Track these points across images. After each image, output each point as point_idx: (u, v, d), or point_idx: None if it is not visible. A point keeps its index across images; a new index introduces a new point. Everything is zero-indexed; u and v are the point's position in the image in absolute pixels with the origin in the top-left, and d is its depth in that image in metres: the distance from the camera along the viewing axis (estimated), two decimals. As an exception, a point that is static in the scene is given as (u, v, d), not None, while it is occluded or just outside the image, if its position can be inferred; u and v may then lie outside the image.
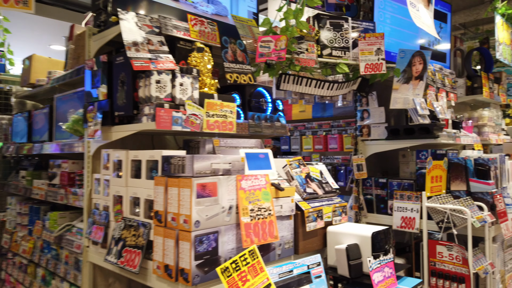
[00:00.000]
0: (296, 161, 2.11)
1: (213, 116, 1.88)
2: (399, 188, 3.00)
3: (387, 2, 3.02)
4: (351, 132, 3.37)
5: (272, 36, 2.33)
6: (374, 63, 2.72)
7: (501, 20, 4.43)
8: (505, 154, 4.39)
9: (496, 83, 4.71)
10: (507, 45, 4.65)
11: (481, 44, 5.20)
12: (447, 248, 2.45)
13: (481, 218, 2.44)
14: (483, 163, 2.70)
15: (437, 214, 2.54)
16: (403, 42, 3.24)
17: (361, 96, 3.15)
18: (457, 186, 2.75)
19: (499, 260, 2.77)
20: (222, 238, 1.56)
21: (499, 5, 4.31)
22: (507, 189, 2.98)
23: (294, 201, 1.89)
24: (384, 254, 1.87)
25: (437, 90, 3.24)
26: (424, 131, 2.84)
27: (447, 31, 3.68)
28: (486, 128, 4.30)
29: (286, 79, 2.66)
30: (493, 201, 2.64)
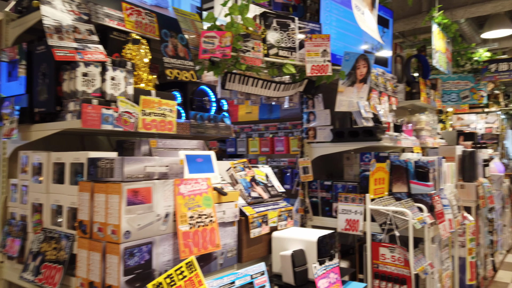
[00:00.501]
0: (241, 164, 2.00)
1: (150, 115, 1.72)
2: (344, 191, 3.00)
3: (333, 4, 3.03)
4: (297, 134, 3.34)
5: (217, 32, 2.21)
6: (320, 64, 2.69)
7: (437, 29, 4.67)
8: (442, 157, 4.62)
9: (433, 89, 4.94)
10: (442, 53, 4.91)
11: (419, 52, 5.46)
12: (390, 250, 2.47)
13: (421, 220, 2.49)
14: (422, 165, 2.77)
15: (380, 216, 2.56)
16: (348, 46, 3.27)
17: (307, 98, 3.12)
18: (399, 188, 2.80)
19: (437, 260, 2.86)
20: (157, 249, 1.41)
21: (436, 14, 4.54)
22: (444, 190, 3.09)
23: (238, 206, 1.78)
24: (330, 259, 1.82)
25: (380, 94, 3.30)
26: (368, 133, 2.87)
27: (389, 36, 3.79)
28: (424, 132, 4.49)
29: (232, 78, 2.55)
30: (432, 202, 2.71)
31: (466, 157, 4.35)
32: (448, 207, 2.99)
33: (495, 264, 4.97)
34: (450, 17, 5.55)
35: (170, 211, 1.46)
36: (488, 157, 5.31)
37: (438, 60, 4.70)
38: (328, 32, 3.02)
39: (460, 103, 6.63)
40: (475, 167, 4.40)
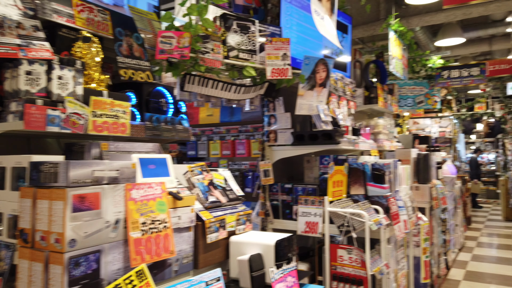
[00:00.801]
0: (199, 167, 1.96)
1: (102, 116, 1.65)
2: (304, 193, 3.02)
3: (293, 9, 3.05)
4: (258, 137, 3.33)
5: (175, 32, 2.16)
6: (281, 68, 2.70)
7: (394, 36, 4.84)
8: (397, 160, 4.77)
9: (390, 94, 5.11)
10: (399, 59, 5.09)
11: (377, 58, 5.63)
12: (347, 252, 2.51)
13: (377, 221, 2.55)
14: (379, 168, 2.84)
15: (338, 218, 2.60)
16: (308, 50, 3.31)
17: (268, 101, 3.13)
18: (356, 190, 2.85)
19: (393, 260, 2.94)
20: (106, 257, 1.34)
21: (393, 22, 4.70)
22: (400, 192, 3.19)
23: (194, 211, 1.74)
24: (287, 263, 1.81)
25: (339, 98, 3.36)
26: (327, 137, 2.91)
27: (348, 42, 3.87)
28: (381, 135, 4.62)
29: (191, 80, 2.50)
30: (388, 204, 2.79)
31: (421, 159, 4.52)
32: (403, 208, 3.09)
33: (448, 263, 5.20)
34: (406, 25, 5.78)
35: (120, 217, 1.39)
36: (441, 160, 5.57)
37: (395, 66, 4.87)
38: (289, 36, 3.04)
39: (415, 107, 6.90)
40: (429, 170, 4.58)
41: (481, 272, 5.07)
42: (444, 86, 6.09)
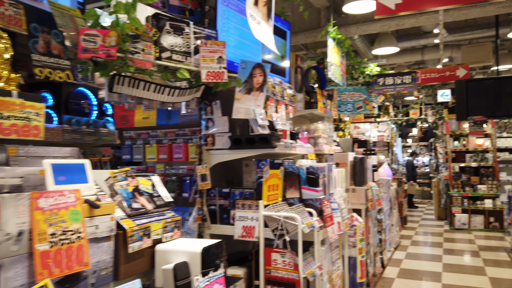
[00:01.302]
0: (123, 173, 1.87)
1: (10, 118, 1.51)
2: (241, 198, 3.01)
3: (230, 12, 3.04)
4: (196, 141, 3.27)
5: (99, 30, 2.05)
6: (216, 71, 2.67)
7: (332, 44, 5.00)
8: (335, 163, 4.91)
9: (329, 100, 5.26)
10: (337, 66, 5.26)
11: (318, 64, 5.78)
12: (281, 255, 2.52)
13: (310, 224, 2.59)
14: (313, 171, 2.89)
15: (272, 222, 2.61)
16: (247, 54, 3.31)
17: (205, 104, 3.08)
18: (292, 194, 2.89)
19: (327, 261, 3.00)
20: (7, 273, 1.22)
21: (331, 29, 4.85)
22: (334, 195, 3.28)
23: (114, 219, 1.65)
24: (215, 270, 1.77)
25: (277, 103, 3.40)
26: (264, 141, 2.92)
27: (287, 47, 3.93)
28: (320, 139, 4.74)
29: (121, 81, 2.39)
30: (321, 207, 2.85)
31: (357, 163, 4.70)
32: (337, 210, 3.17)
33: (384, 261, 5.44)
34: (345, 33, 6.00)
35: (25, 228, 1.28)
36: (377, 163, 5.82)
37: (333, 72, 5.03)
38: (226, 39, 3.02)
39: (355, 112, 7.19)
40: (365, 172, 4.77)
41: (414, 269, 5.36)
42: (380, 92, 6.41)
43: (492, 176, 8.14)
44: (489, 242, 7.02)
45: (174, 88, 2.64)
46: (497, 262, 5.60)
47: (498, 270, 5.22)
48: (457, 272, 5.19)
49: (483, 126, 7.82)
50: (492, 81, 6.06)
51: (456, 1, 3.34)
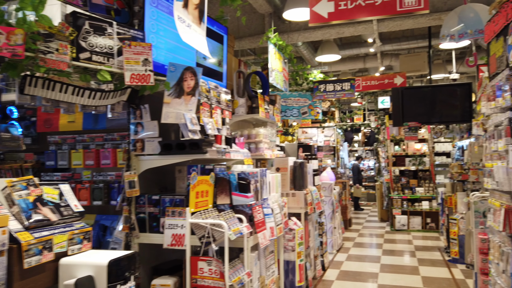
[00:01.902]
0: (23, 182, 1.73)
1: None
2: (171, 205, 2.92)
3: (161, 14, 2.95)
4: (125, 146, 3.13)
5: (3, 28, 1.90)
6: (141, 74, 2.58)
7: (274, 49, 5.04)
8: (276, 168, 4.93)
9: (272, 105, 5.29)
10: (279, 72, 5.31)
11: (262, 69, 5.81)
12: (207, 263, 2.47)
13: (237, 231, 2.56)
14: (244, 177, 2.87)
15: (199, 229, 2.54)
16: (181, 58, 3.24)
17: (133, 108, 2.96)
18: (222, 200, 2.84)
19: (257, 267, 2.98)
20: None
21: (272, 35, 4.89)
22: (268, 200, 3.27)
23: (7, 232, 1.51)
24: (123, 283, 1.68)
25: (212, 107, 3.35)
26: (194, 146, 2.85)
27: (224, 52, 3.90)
28: (262, 144, 4.74)
29: (33, 82, 2.24)
30: (252, 212, 2.83)
31: (297, 167, 4.75)
32: (270, 215, 3.17)
33: (325, 264, 5.54)
34: (288, 39, 6.09)
35: None
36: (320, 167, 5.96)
37: (275, 78, 5.08)
38: (156, 41, 2.93)
39: (300, 118, 7.30)
40: (305, 177, 4.84)
41: (353, 271, 5.50)
42: (321, 98, 6.57)
43: (429, 179, 8.60)
44: (426, 242, 7.38)
45: (95, 91, 2.52)
46: (430, 262, 5.89)
47: (430, 269, 5.49)
48: (393, 272, 5.39)
49: (417, 132, 8.25)
50: (426, 89, 6.40)
51: (384, 12, 3.47)
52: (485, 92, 3.14)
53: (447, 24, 3.82)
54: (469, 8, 3.78)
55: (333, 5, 3.57)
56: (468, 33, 3.67)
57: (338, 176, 9.69)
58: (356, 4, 3.52)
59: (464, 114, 5.98)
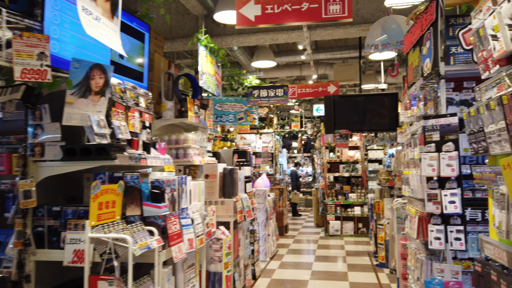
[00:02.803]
0: None
1: None
2: (74, 217, 2.62)
3: (65, 4, 2.66)
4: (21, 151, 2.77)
5: None
6: (36, 69, 2.27)
7: (205, 52, 4.86)
8: (205, 175, 4.74)
9: (203, 109, 5.10)
10: (211, 75, 5.14)
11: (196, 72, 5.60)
12: (109, 283, 2.21)
13: (145, 245, 2.33)
14: (158, 185, 2.65)
15: (101, 245, 2.28)
16: (92, 54, 2.95)
17: (29, 108, 2.63)
18: (132, 211, 2.60)
19: (171, 283, 2.77)
20: None
21: (202, 37, 4.72)
22: (188, 210, 3.07)
23: None
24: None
25: (128, 109, 3.09)
26: (102, 151, 2.58)
27: (145, 51, 3.65)
28: (191, 150, 4.53)
29: None
30: (166, 224, 2.61)
31: (227, 174, 4.60)
32: (189, 226, 2.97)
33: (256, 273, 5.42)
34: (223, 43, 5.95)
35: None
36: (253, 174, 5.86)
37: (206, 81, 4.90)
38: (60, 35, 2.63)
39: (236, 123, 7.18)
40: (235, 184, 4.70)
41: (284, 279, 5.44)
42: (255, 104, 6.51)
43: (361, 185, 8.87)
44: (357, 247, 7.57)
45: (-23, 87, 2.17)
46: (360, 267, 6.00)
47: (359, 274, 5.58)
48: (323, 279, 5.40)
49: (348, 139, 8.50)
50: (357, 98, 6.57)
51: (309, 18, 3.45)
52: (403, 101, 3.20)
53: (372, 34, 3.91)
54: (391, 20, 3.90)
55: (260, 8, 3.48)
56: (391, 43, 3.77)
57: (276, 182, 9.70)
58: (282, 8, 3.46)
59: (391, 123, 6.21)
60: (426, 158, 2.54)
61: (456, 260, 2.76)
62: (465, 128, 1.65)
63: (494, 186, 1.50)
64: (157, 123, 4.50)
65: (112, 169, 2.90)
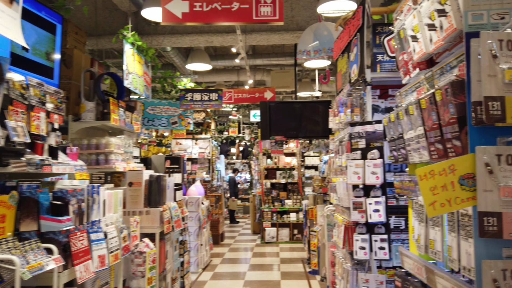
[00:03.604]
0: None
1: None
2: (-46, 234, 2.19)
3: None
4: None
5: None
6: None
7: (132, 50, 4.54)
8: (129, 182, 4.39)
9: (130, 111, 4.75)
10: (139, 76, 4.81)
11: (124, 72, 5.19)
12: (-12, 314, 1.84)
13: (38, 266, 2.00)
14: (61, 196, 2.32)
15: (-20, 268, 1.91)
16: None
17: None
18: (28, 226, 2.23)
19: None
20: None
21: (128, 34, 4.39)
22: (101, 222, 2.75)
23: None
24: None
25: (31, 109, 2.70)
26: (-9, 157, 2.20)
27: (56, 44, 3.28)
28: (113, 155, 4.17)
29: None
30: (69, 240, 2.28)
31: (153, 182, 4.29)
32: (101, 241, 2.65)
33: (185, 286, 5.13)
34: (155, 43, 5.64)
35: None
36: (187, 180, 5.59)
37: (133, 81, 4.57)
38: None
39: (169, 128, 6.86)
40: (163, 192, 4.40)
41: (216, 290, 5.21)
42: (188, 108, 6.26)
43: (297, 191, 8.92)
44: (292, 253, 7.55)
45: None
46: (293, 275, 5.95)
47: (291, 283, 5.52)
48: (255, 288, 5.26)
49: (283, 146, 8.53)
50: (293, 104, 6.57)
51: (240, 19, 3.31)
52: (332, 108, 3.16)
53: (304, 40, 3.88)
54: (323, 26, 3.91)
55: (188, 5, 3.27)
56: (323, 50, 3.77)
57: (213, 189, 9.46)
58: (212, 7, 3.28)
59: (324, 130, 6.27)
60: (352, 166, 2.49)
61: (381, 269, 2.74)
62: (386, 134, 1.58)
63: (413, 197, 1.43)
64: (75, 125, 4.10)
65: (14, 177, 2.51)
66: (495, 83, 1.02)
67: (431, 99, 1.19)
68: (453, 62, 1.18)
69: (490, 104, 1.02)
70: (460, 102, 1.15)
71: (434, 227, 1.25)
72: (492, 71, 1.02)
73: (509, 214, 1.05)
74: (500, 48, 1.03)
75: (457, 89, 1.14)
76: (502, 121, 1.05)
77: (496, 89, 1.02)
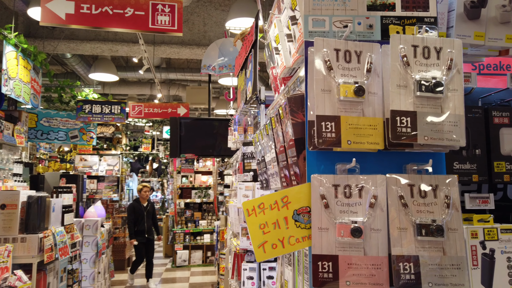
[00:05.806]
0: None
1: None
2: None
3: None
4: None
5: None
6: None
7: (15, 53, 3.99)
8: (1, 204, 3.78)
9: (11, 122, 4.16)
10: (24, 83, 4.25)
11: (10, 78, 4.56)
12: None
13: None
14: None
15: None
16: None
17: None
18: None
19: None
20: None
21: (11, 34, 3.86)
22: None
23: None
24: None
25: None
26: None
27: None
28: (-18, 172, 3.55)
29: None
30: None
31: (32, 204, 3.74)
32: None
33: (73, 321, 4.52)
34: (48, 47, 5.08)
35: None
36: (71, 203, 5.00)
37: (15, 88, 4.00)
38: None
39: (69, 142, 6.22)
40: (45, 215, 3.86)
41: (110, 324, 4.66)
42: (86, 120, 5.73)
43: (212, 211, 8.63)
44: (203, 278, 7.19)
45: None
46: (199, 301, 5.61)
47: (196, 310, 5.17)
48: (156, 319, 4.81)
49: (194, 164, 8.27)
50: (205, 121, 6.36)
51: (134, 26, 3.04)
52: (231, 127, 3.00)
53: (209, 55, 3.73)
54: (229, 42, 3.80)
55: (73, 6, 2.92)
56: (228, 66, 3.64)
57: (122, 209, 8.78)
58: (102, 10, 2.97)
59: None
60: (242, 188, 2.31)
61: (272, 299, 2.57)
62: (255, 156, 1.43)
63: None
64: None
65: None
66: (330, 100, 0.87)
67: (277, 117, 1.04)
68: (302, 76, 1.05)
69: (323, 125, 0.87)
70: (299, 121, 0.98)
71: (288, 266, 1.08)
72: (326, 85, 0.88)
73: (346, 257, 0.89)
74: (337, 59, 0.90)
75: (295, 105, 0.99)
76: (336, 145, 0.89)
77: (330, 107, 0.88)
